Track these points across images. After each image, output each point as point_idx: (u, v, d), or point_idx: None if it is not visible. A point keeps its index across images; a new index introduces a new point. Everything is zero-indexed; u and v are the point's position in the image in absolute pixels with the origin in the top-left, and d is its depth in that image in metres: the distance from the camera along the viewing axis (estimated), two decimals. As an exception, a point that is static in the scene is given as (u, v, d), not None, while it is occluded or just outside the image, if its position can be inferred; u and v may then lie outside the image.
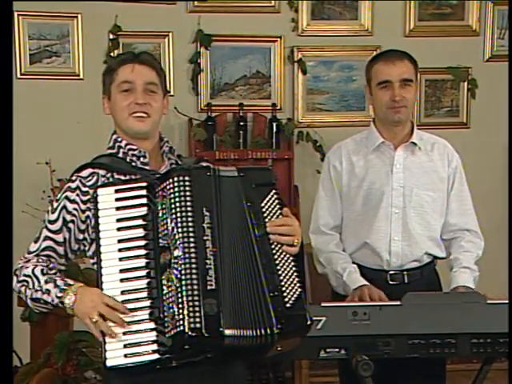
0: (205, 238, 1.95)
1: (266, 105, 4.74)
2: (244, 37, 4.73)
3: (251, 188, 2.06)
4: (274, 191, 2.09)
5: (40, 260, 2.16)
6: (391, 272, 2.94)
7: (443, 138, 3.10)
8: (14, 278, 2.15)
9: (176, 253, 1.93)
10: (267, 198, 2.07)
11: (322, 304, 2.59)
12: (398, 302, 2.64)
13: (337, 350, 2.56)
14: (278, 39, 4.78)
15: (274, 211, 2.07)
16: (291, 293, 2.00)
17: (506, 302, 2.66)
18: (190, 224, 1.95)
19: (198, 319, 1.89)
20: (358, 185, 2.97)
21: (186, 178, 1.99)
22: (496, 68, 4.90)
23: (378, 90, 2.90)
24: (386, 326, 2.61)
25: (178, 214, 1.96)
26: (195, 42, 4.71)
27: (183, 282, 1.91)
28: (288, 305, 1.98)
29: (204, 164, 2.17)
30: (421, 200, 2.95)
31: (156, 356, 1.95)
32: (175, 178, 1.99)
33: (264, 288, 1.97)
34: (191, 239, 1.94)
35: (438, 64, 4.85)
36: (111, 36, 4.60)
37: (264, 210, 2.06)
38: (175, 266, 1.93)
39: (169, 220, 1.97)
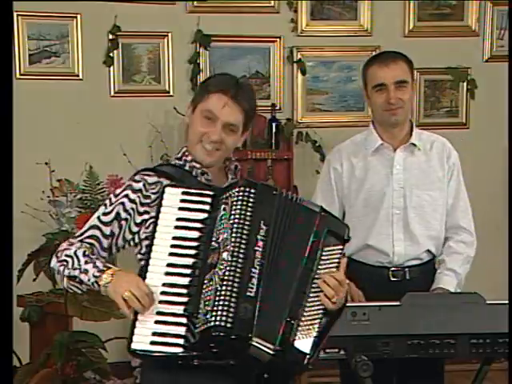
0: (256, 248, 2.01)
1: (265, 105, 4.73)
2: (243, 37, 4.73)
3: (324, 230, 2.08)
4: (340, 246, 2.11)
5: (83, 245, 2.18)
6: (393, 269, 2.95)
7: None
8: (54, 259, 2.18)
9: (224, 255, 1.99)
10: (331, 248, 2.10)
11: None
12: (397, 303, 2.65)
13: (336, 350, 2.57)
14: (278, 39, 4.78)
15: (331, 261, 2.09)
16: (304, 332, 2.03)
17: (506, 302, 2.66)
18: (245, 232, 2.01)
19: (230, 319, 1.93)
20: (358, 187, 2.98)
21: (252, 190, 2.05)
22: (495, 68, 4.90)
23: (374, 93, 2.92)
24: (385, 326, 2.61)
25: (236, 220, 2.02)
26: (194, 43, 4.71)
27: (224, 282, 1.96)
28: (296, 338, 2.01)
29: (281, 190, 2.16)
30: (421, 200, 2.96)
31: (180, 350, 1.99)
32: (241, 188, 2.05)
33: (286, 311, 2.01)
34: (242, 245, 2.00)
35: (437, 64, 4.85)
36: (110, 36, 4.60)
37: (324, 254, 2.08)
38: (220, 266, 1.99)
39: (225, 225, 2.03)
